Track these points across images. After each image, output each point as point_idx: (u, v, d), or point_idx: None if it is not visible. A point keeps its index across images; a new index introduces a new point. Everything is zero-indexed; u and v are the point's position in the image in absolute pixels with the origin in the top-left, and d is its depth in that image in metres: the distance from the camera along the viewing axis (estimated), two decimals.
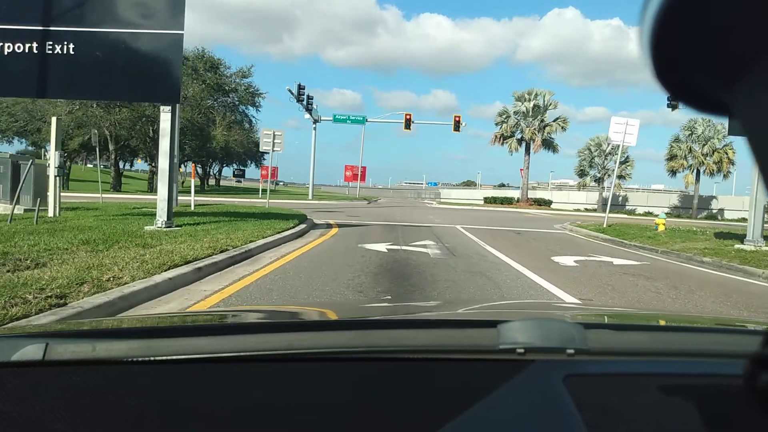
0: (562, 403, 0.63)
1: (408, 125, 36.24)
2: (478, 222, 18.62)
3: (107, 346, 0.72)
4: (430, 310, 1.72)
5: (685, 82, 0.31)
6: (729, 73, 0.29)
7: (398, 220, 16.80)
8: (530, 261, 8.18)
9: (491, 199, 39.26)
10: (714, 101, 0.31)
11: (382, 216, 19.33)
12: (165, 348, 0.72)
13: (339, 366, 0.73)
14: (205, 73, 39.26)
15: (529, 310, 1.68)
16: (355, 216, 18.24)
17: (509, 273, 6.91)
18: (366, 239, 10.22)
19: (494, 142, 36.99)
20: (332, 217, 17.26)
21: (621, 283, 6.71)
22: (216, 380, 0.69)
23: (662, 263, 9.36)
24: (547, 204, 38.06)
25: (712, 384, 0.71)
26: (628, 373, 0.73)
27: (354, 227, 13.37)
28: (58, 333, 0.82)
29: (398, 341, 0.77)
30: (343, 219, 16.38)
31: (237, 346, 0.73)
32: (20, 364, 0.69)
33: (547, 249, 10.57)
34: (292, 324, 1.04)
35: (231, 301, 4.59)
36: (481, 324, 0.86)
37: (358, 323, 1.04)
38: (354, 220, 15.77)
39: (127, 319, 1.68)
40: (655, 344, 0.81)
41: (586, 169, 43.92)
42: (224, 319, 1.26)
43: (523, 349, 0.69)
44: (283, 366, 0.72)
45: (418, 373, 0.72)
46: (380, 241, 9.86)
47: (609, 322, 1.12)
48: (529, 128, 35.49)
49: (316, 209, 21.36)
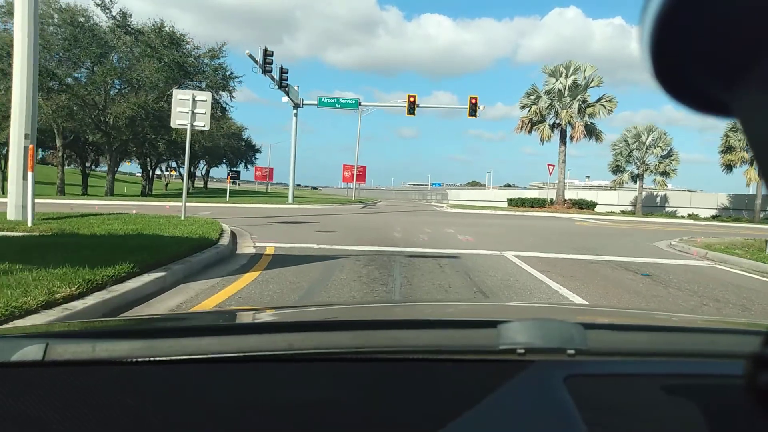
0: (563, 404, 0.63)
1: (412, 110, 28.90)
2: (528, 239, 11.34)
3: (108, 347, 0.72)
4: (430, 310, 1.62)
5: (685, 82, 0.30)
6: (729, 73, 0.29)
7: (397, 239, 9.64)
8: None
9: (518, 201, 31.83)
10: (714, 101, 0.31)
11: (373, 229, 12.05)
12: (166, 348, 0.72)
13: (340, 366, 0.73)
14: (164, 51, 32.03)
15: (530, 310, 1.59)
16: (330, 230, 11.14)
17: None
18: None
19: (520, 129, 29.60)
20: (292, 233, 10.33)
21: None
22: (216, 380, 0.69)
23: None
24: (589, 206, 30.65)
25: (712, 384, 0.72)
26: (628, 374, 0.73)
27: (305, 264, 6.15)
28: (58, 333, 0.81)
29: (399, 341, 0.77)
30: (305, 237, 9.47)
31: (238, 346, 0.73)
32: (20, 365, 0.69)
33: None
34: (293, 324, 1.01)
35: None
36: (482, 324, 0.86)
37: (359, 323, 0.99)
38: (320, 242, 8.65)
39: (127, 320, 1.76)
40: (655, 344, 0.81)
41: (622, 165, 36.85)
42: (226, 319, 1.22)
43: (524, 350, 0.69)
44: (284, 366, 0.72)
45: (418, 373, 0.72)
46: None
47: (609, 323, 1.10)
48: (566, 111, 28.03)
49: (281, 219, 14.15)
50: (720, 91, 0.30)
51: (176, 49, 32.59)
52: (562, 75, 28.00)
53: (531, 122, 28.95)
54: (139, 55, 32.06)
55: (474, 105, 28.42)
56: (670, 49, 0.28)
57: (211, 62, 34.89)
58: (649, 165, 35.27)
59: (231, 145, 62.52)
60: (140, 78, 32.14)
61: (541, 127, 28.76)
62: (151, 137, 35.38)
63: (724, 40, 0.28)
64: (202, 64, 34.97)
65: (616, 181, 37.21)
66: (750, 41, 0.27)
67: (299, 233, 10.36)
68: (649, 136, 34.95)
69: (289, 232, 10.70)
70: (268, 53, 24.05)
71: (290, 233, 10.34)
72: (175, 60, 32.03)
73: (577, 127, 27.73)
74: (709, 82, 0.30)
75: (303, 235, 9.81)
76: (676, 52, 0.29)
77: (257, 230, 10.43)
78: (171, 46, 32.31)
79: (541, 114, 28.68)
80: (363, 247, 8.12)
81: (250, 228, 10.72)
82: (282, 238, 9.23)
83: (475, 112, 28.54)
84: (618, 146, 36.22)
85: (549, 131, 28.80)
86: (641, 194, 35.80)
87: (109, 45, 31.12)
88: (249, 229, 10.53)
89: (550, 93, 28.61)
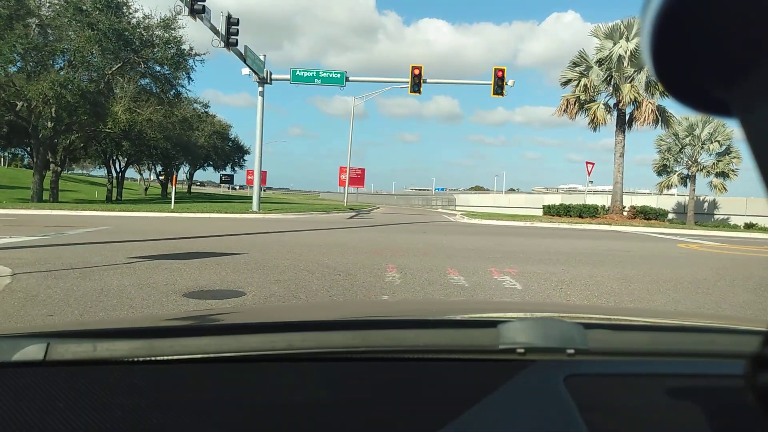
0: (563, 403, 0.63)
1: (417, 87, 21.59)
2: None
3: (109, 346, 0.71)
4: (430, 310, 1.58)
5: (685, 82, 0.30)
6: (729, 73, 0.29)
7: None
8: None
9: (559, 208, 24.27)
10: (714, 101, 0.31)
11: (327, 283, 4.59)
12: (167, 348, 0.71)
13: (340, 366, 0.73)
14: (97, 16, 24.72)
15: (530, 310, 1.47)
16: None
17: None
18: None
19: (562, 112, 22.11)
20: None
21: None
22: (217, 380, 0.69)
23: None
24: (658, 216, 23.17)
25: (712, 384, 0.72)
26: (628, 373, 0.73)
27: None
28: (59, 333, 0.81)
29: (399, 341, 0.77)
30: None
31: (238, 345, 0.73)
32: (21, 364, 0.68)
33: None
34: (293, 324, 0.99)
35: None
36: (482, 324, 0.85)
37: (359, 323, 0.99)
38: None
39: (128, 320, 1.75)
40: (656, 344, 0.81)
41: (671, 164, 29.65)
42: (226, 319, 1.20)
43: (524, 349, 0.69)
44: (284, 366, 0.72)
45: (418, 373, 0.72)
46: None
47: (609, 322, 1.09)
48: (630, 85, 20.52)
49: (172, 249, 6.64)
50: (720, 91, 0.30)
51: (114, 13, 25.31)
52: (622, 37, 20.54)
53: (578, 102, 21.46)
54: (69, 20, 24.73)
55: (500, 79, 21.05)
56: (671, 49, 0.28)
57: (164, 34, 27.61)
58: (704, 164, 28.21)
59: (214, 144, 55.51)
60: (67, 51, 24.95)
61: (593, 107, 21.24)
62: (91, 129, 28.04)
63: (724, 40, 0.28)
64: (153, 36, 27.70)
65: (662, 183, 30.01)
66: (750, 41, 0.27)
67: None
68: (705, 128, 27.77)
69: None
70: (232, 21, 16.69)
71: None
72: (112, 27, 24.68)
73: (644, 106, 20.19)
74: (709, 82, 0.30)
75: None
76: (677, 52, 0.29)
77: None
78: (107, 9, 25.02)
79: (591, 92, 21.17)
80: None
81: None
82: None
83: (501, 89, 21.17)
84: (665, 141, 29.03)
85: (603, 113, 21.25)
86: (693, 199, 28.76)
87: (27, 6, 23.89)
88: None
89: (604, 62, 21.11)
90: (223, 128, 60.82)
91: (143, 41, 26.82)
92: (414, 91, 21.55)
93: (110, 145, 36.61)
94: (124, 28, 25.45)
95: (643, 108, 20.22)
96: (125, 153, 41.74)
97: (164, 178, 50.82)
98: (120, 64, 26.50)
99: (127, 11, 26.35)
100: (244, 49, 18.65)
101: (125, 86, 25.97)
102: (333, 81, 21.79)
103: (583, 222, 20.71)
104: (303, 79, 21.75)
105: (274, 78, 21.95)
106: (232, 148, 63.90)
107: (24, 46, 23.05)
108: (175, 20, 27.00)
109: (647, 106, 20.13)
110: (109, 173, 44.09)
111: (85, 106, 24.41)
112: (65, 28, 24.91)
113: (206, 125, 50.49)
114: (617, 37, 20.79)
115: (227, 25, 16.55)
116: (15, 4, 23.12)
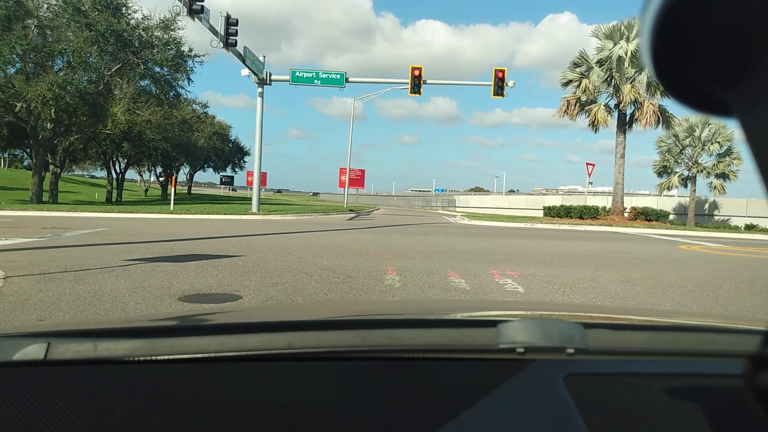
0: (562, 403, 0.63)
1: (416, 88, 21.54)
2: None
3: (109, 346, 0.71)
4: (430, 309, 1.57)
5: (685, 82, 0.31)
6: (729, 73, 0.29)
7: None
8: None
9: (560, 210, 24.17)
10: (714, 102, 0.31)
11: (327, 285, 4.50)
12: (168, 347, 0.71)
13: (340, 365, 0.73)
14: (95, 17, 24.63)
15: (529, 309, 1.47)
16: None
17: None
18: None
19: (563, 113, 22.01)
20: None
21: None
22: (217, 379, 0.69)
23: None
24: (659, 217, 23.08)
25: (712, 384, 0.72)
26: (628, 373, 0.72)
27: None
28: (60, 332, 0.80)
29: (398, 340, 0.76)
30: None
31: (239, 345, 0.73)
32: (22, 364, 0.68)
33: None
34: (293, 323, 0.99)
35: None
36: (481, 323, 0.85)
37: (359, 323, 0.97)
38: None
39: (128, 319, 1.72)
40: (655, 344, 0.81)
41: (671, 166, 29.65)
42: (226, 318, 1.20)
43: (523, 349, 0.69)
44: (284, 365, 0.72)
45: (418, 372, 0.72)
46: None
47: (609, 322, 1.08)
48: (630, 86, 20.43)
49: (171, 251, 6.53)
50: (720, 92, 0.30)
51: (113, 14, 25.23)
52: (623, 37, 20.45)
53: (578, 103, 21.36)
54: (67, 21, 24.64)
55: (501, 80, 20.98)
56: (670, 49, 0.28)
57: (163, 35, 27.52)
58: (704, 165, 28.21)
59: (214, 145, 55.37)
60: (66, 52, 24.86)
61: (594, 108, 21.14)
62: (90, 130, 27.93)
63: (724, 40, 0.28)
64: (153, 37, 27.60)
65: (663, 184, 30.00)
66: (750, 41, 0.27)
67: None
68: (705, 129, 27.78)
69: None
70: (231, 22, 16.62)
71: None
72: (111, 28, 24.59)
73: (645, 107, 20.08)
74: (709, 83, 0.30)
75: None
76: (676, 52, 0.29)
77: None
78: (106, 10, 24.94)
79: (592, 92, 21.08)
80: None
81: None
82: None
83: (502, 90, 21.11)
84: (665, 142, 29.01)
85: (604, 113, 21.15)
86: (693, 201, 28.78)
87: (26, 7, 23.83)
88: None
89: (604, 63, 21.03)
90: (222, 129, 60.63)
91: (142, 42, 26.71)
92: (414, 92, 21.48)
93: (110, 147, 36.49)
94: (123, 29, 25.34)
95: (644, 109, 20.11)
96: (125, 154, 41.61)
97: (164, 179, 50.75)
98: (119, 65, 26.38)
99: (126, 12, 26.26)
100: (243, 49, 18.58)
101: (124, 87, 25.86)
102: (333, 82, 21.72)
103: (584, 223, 20.61)
104: (302, 80, 21.68)
105: (274, 79, 21.88)
106: (232, 150, 63.75)
107: (23, 47, 22.95)
108: (175, 21, 26.91)
109: (648, 106, 20.02)
110: (109, 174, 43.97)
111: (84, 107, 24.31)
112: (64, 29, 24.80)
113: (206, 126, 50.35)
114: (617, 38, 20.70)
115: (226, 25, 16.47)
116: (14, 5, 23.04)
